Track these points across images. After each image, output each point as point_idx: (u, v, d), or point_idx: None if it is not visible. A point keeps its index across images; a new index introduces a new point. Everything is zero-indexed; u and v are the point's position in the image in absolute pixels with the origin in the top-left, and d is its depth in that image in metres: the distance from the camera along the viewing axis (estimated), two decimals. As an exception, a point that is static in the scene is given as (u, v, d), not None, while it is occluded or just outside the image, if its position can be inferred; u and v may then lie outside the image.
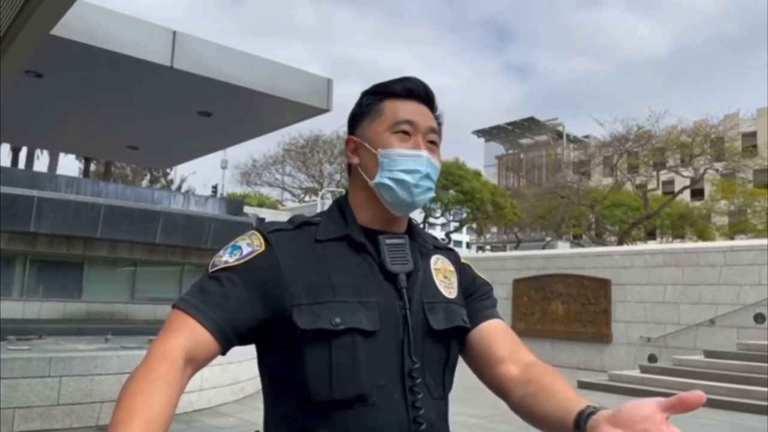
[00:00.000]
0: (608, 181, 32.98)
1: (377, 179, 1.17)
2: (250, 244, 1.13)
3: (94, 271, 16.53)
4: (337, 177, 36.11)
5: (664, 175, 31.73)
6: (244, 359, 8.02)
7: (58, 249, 15.46)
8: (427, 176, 1.18)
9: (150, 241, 15.91)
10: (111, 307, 16.23)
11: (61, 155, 32.12)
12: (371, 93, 1.24)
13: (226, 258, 1.12)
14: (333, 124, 57.82)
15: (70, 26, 5.07)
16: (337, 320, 1.07)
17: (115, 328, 10.79)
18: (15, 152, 32.33)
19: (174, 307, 1.09)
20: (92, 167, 35.18)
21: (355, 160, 1.23)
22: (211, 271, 1.12)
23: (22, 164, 31.71)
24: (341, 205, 1.24)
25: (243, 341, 1.12)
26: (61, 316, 15.14)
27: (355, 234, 1.18)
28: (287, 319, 1.07)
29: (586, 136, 43.03)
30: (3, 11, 3.43)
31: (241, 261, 1.11)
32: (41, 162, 33.33)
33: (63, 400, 6.28)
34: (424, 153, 1.18)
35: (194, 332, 1.04)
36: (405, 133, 1.18)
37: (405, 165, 1.17)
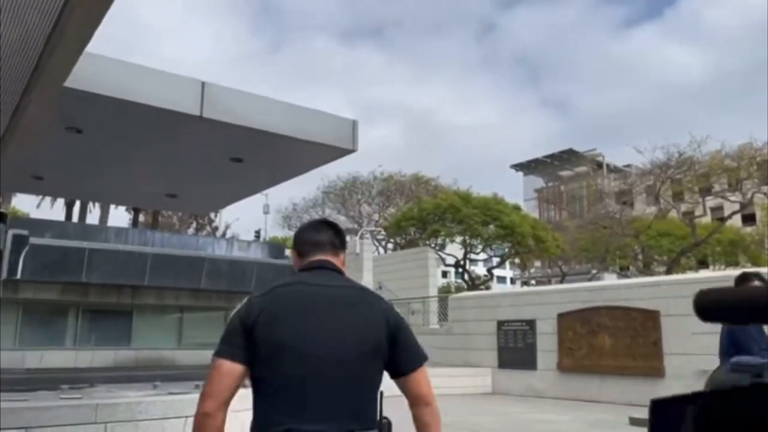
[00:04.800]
0: (652, 209, 32.15)
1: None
2: None
3: (143, 319, 16.81)
4: (376, 216, 36.26)
5: (712, 201, 30.73)
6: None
7: (108, 298, 15.84)
8: None
9: (195, 287, 16.19)
10: (159, 354, 16.40)
11: (112, 208, 33.39)
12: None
13: None
14: (369, 165, 58.21)
15: (104, 83, 5.37)
16: None
17: (163, 375, 10.89)
18: (69, 207, 33.71)
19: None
20: (141, 218, 36.33)
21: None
22: None
23: (75, 218, 33.03)
24: None
25: None
26: (112, 364, 15.38)
27: None
28: None
29: (627, 166, 42.26)
30: (34, 37, 3.56)
31: None
32: (93, 215, 34.64)
33: (109, 446, 6.33)
34: None
35: None
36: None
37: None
